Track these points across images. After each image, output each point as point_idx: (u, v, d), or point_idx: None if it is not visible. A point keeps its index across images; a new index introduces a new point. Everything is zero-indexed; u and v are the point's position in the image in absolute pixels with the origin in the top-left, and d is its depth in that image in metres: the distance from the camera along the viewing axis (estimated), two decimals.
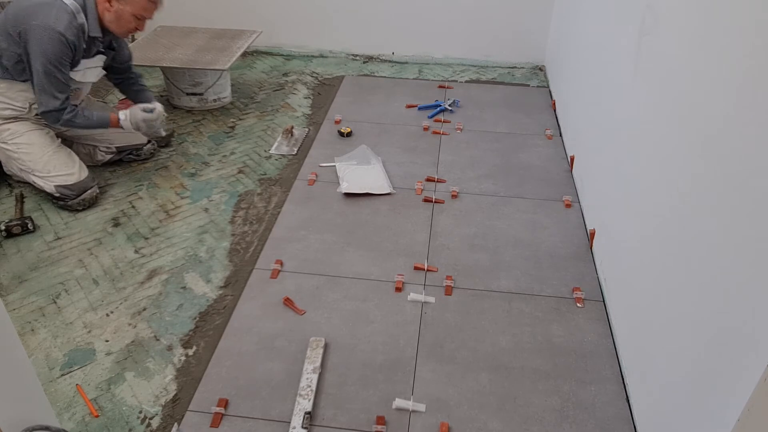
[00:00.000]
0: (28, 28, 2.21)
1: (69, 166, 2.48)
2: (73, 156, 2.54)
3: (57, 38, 2.22)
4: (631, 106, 2.00)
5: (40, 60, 2.23)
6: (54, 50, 2.23)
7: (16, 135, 2.43)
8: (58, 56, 2.25)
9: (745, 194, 1.19)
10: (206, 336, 1.96)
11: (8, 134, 2.42)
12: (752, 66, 1.21)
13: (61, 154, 2.50)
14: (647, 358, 1.65)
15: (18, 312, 2.04)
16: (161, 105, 2.67)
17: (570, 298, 2.10)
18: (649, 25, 1.87)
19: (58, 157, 2.47)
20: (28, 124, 2.46)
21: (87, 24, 2.32)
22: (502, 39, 3.83)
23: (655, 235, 1.67)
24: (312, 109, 3.37)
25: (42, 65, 2.24)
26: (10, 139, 2.43)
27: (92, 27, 2.34)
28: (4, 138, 2.43)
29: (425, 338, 1.95)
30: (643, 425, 1.64)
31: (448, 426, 1.67)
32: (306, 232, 2.40)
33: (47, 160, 2.45)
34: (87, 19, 2.31)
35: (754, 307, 1.12)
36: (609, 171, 2.19)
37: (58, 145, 2.51)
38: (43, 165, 2.44)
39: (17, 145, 2.43)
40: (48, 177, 2.45)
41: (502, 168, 2.82)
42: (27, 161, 2.44)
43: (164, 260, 2.27)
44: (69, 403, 1.74)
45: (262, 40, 3.82)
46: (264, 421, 1.69)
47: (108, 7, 2.32)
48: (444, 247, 2.33)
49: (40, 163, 2.44)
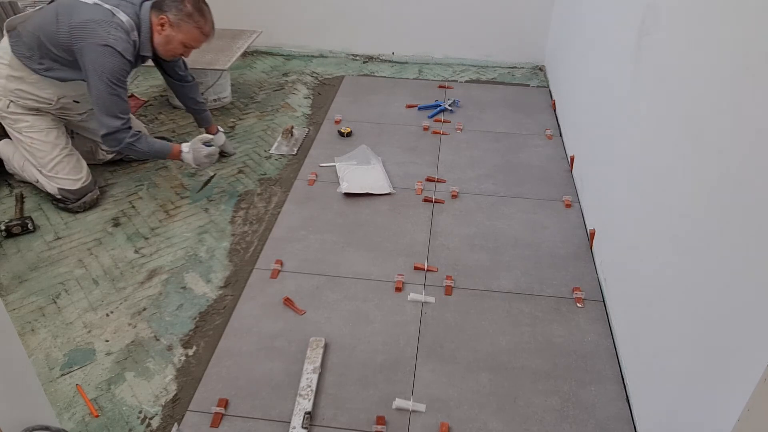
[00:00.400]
0: (86, 46, 2.17)
1: (77, 171, 2.47)
2: (81, 161, 2.52)
3: (114, 55, 2.19)
4: (631, 106, 2.00)
5: (103, 79, 2.19)
6: (112, 67, 2.20)
7: (33, 129, 2.40)
8: (115, 73, 2.22)
9: (745, 194, 1.19)
10: (206, 336, 1.96)
11: (26, 126, 2.40)
12: (752, 66, 1.21)
13: (72, 157, 2.48)
14: (647, 358, 1.65)
15: (18, 312, 2.04)
16: (222, 133, 2.78)
17: (570, 298, 2.10)
18: (649, 25, 1.87)
19: (69, 160, 2.46)
20: (47, 121, 2.43)
21: (139, 42, 2.29)
22: (502, 39, 3.83)
23: (655, 235, 1.67)
24: (312, 109, 3.37)
25: (105, 84, 2.20)
26: (27, 131, 2.40)
27: (144, 46, 2.31)
28: (20, 128, 2.40)
29: (425, 338, 1.95)
30: (643, 425, 1.64)
31: (448, 426, 1.67)
32: (306, 232, 2.40)
33: (58, 161, 2.43)
34: (140, 38, 2.29)
35: (754, 307, 1.12)
36: (609, 171, 2.19)
37: (70, 149, 2.49)
38: (52, 165, 2.43)
39: (32, 140, 2.41)
40: (54, 178, 2.44)
41: (502, 168, 2.82)
42: (38, 157, 2.42)
43: (164, 260, 2.27)
44: (69, 403, 1.74)
45: (262, 40, 3.82)
46: (264, 421, 1.69)
47: (160, 30, 2.29)
48: (444, 247, 2.33)
49: (50, 163, 2.42)
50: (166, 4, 2.29)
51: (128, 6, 2.27)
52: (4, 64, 2.32)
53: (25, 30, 2.27)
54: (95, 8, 2.21)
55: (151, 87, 3.55)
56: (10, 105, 2.36)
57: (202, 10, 2.32)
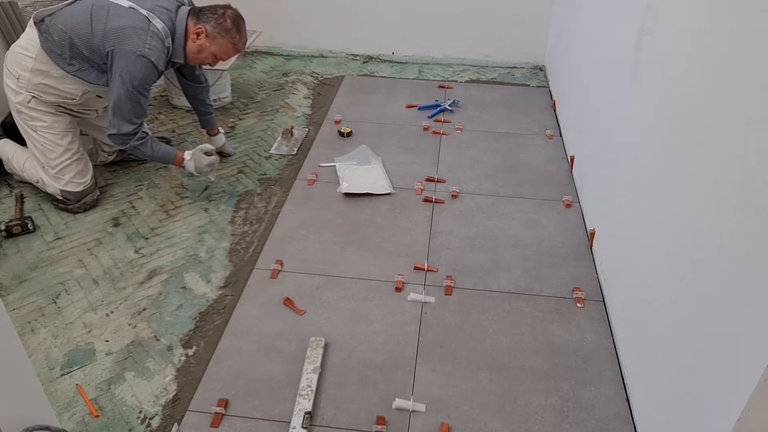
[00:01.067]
0: (117, 51, 2.16)
1: (82, 175, 2.46)
2: (89, 165, 2.52)
3: (147, 65, 2.18)
4: (631, 106, 2.00)
5: (126, 85, 2.19)
6: (142, 76, 2.19)
7: (48, 129, 2.38)
8: (144, 82, 2.22)
9: (745, 194, 1.19)
10: (206, 336, 1.96)
11: (42, 125, 2.37)
12: (753, 65, 1.21)
13: (81, 162, 2.47)
14: (647, 357, 1.65)
15: (18, 312, 2.04)
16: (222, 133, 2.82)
17: (570, 298, 2.10)
18: (649, 25, 1.87)
19: (77, 164, 2.45)
20: (65, 123, 2.40)
21: (172, 49, 2.28)
22: (502, 39, 3.83)
23: (655, 235, 1.67)
24: (312, 109, 3.37)
25: (126, 91, 2.20)
26: (42, 130, 2.38)
27: (177, 53, 2.30)
28: (35, 126, 2.37)
29: (425, 338, 1.95)
30: (643, 425, 1.64)
31: (448, 426, 1.67)
32: (306, 232, 2.40)
33: (66, 165, 2.42)
34: (173, 45, 2.27)
35: (754, 307, 1.12)
36: (609, 171, 2.19)
37: (81, 153, 2.48)
38: (60, 168, 2.42)
39: (45, 139, 2.38)
40: (59, 179, 2.43)
41: (502, 168, 2.82)
42: (48, 157, 2.41)
43: (164, 260, 2.27)
44: (69, 403, 1.74)
45: (262, 40, 3.82)
46: (264, 421, 1.69)
47: (195, 39, 2.28)
48: (444, 247, 2.33)
49: (58, 165, 2.41)
50: (205, 15, 2.28)
51: (164, 12, 2.24)
52: (30, 57, 2.27)
53: (56, 27, 2.24)
54: (131, 13, 2.19)
55: None
56: (32, 101, 2.33)
57: (240, 26, 2.33)
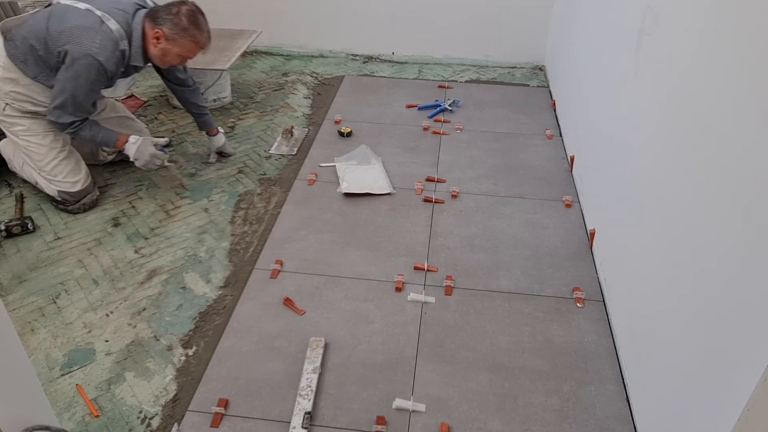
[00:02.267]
0: (70, 51, 2.16)
1: (75, 173, 2.46)
2: (80, 163, 2.51)
3: (96, 67, 2.18)
4: (631, 106, 2.00)
5: (72, 83, 2.19)
6: (89, 78, 2.19)
7: (30, 133, 2.39)
8: (91, 84, 2.21)
9: (745, 194, 1.19)
10: (206, 336, 1.96)
11: (21, 129, 2.38)
12: (753, 65, 1.21)
13: (70, 160, 2.47)
14: (647, 357, 1.65)
15: (18, 312, 2.04)
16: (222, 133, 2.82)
17: (570, 298, 2.10)
18: (649, 25, 1.87)
19: (67, 162, 2.45)
20: (43, 124, 2.40)
21: (129, 52, 2.26)
22: (502, 39, 3.83)
23: (655, 234, 1.67)
24: (312, 109, 3.37)
25: (72, 89, 2.20)
26: (23, 134, 2.39)
27: (135, 57, 2.28)
28: (16, 132, 2.39)
29: (425, 338, 1.95)
30: (643, 425, 1.64)
31: (448, 426, 1.67)
32: (306, 232, 2.40)
33: (55, 165, 2.42)
34: (130, 48, 2.26)
35: (754, 307, 1.12)
36: (609, 171, 2.19)
37: (69, 150, 2.48)
38: (50, 168, 2.42)
39: (28, 143, 2.39)
40: (53, 181, 2.43)
41: (502, 168, 2.82)
42: (35, 160, 2.42)
43: (164, 260, 2.27)
44: (69, 403, 1.74)
45: (262, 40, 3.82)
46: (264, 421, 1.69)
47: (156, 43, 2.26)
48: (444, 247, 2.33)
49: (47, 165, 2.42)
50: (160, 16, 2.24)
51: (120, 14, 2.23)
52: None
53: (19, 35, 2.25)
54: (86, 14, 2.19)
55: (150, 87, 3.55)
56: (6, 108, 2.34)
57: (197, 22, 2.27)
